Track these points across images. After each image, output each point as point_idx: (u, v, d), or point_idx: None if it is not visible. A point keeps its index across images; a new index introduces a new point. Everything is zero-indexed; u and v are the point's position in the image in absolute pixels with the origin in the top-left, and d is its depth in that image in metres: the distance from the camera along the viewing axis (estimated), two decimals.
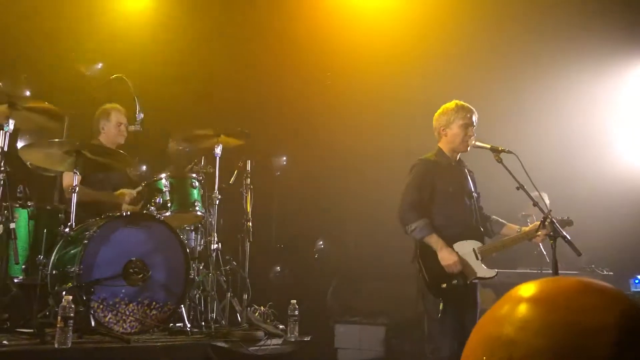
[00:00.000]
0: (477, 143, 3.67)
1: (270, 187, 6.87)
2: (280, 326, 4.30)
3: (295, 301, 4.17)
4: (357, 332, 6.14)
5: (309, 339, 4.21)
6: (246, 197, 4.79)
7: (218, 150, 4.69)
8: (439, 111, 3.79)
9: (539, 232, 3.45)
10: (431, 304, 3.50)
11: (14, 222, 3.61)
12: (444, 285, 3.47)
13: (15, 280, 3.84)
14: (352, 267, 6.84)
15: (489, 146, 3.64)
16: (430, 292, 3.50)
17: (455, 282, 3.45)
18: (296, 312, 4.16)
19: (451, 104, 3.74)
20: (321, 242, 7.04)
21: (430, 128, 3.86)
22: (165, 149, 6.21)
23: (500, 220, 3.83)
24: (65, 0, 5.72)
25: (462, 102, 3.76)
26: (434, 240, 3.49)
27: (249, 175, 4.87)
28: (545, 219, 3.33)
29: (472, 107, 3.74)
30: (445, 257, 3.44)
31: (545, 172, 3.64)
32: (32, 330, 3.43)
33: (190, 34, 6.32)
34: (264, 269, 6.35)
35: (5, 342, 3.10)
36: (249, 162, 4.91)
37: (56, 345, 3.13)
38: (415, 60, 6.48)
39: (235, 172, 4.99)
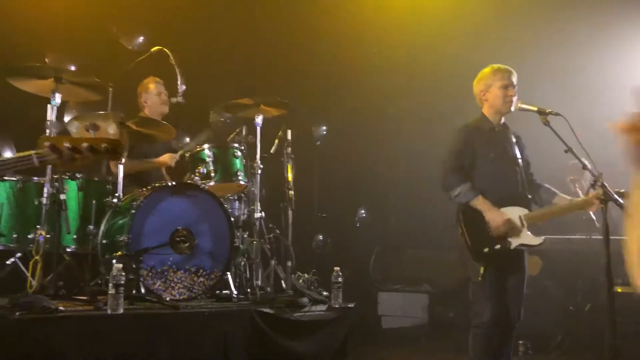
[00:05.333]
0: (523, 105, 3.56)
1: (311, 157, 6.87)
2: (324, 293, 4.34)
3: (338, 268, 4.19)
4: (400, 299, 6.16)
5: (352, 305, 4.23)
6: (287, 166, 4.80)
7: (259, 120, 4.71)
8: (476, 78, 3.71)
9: (590, 196, 3.34)
10: (472, 268, 3.46)
11: (64, 193, 3.72)
12: (486, 250, 3.40)
13: (68, 250, 4.00)
14: (394, 236, 6.83)
15: (535, 108, 3.52)
16: (471, 256, 3.45)
17: (497, 247, 3.39)
18: (340, 279, 4.19)
19: (487, 69, 3.64)
20: (363, 211, 7.04)
21: (472, 94, 3.76)
22: (207, 119, 6.26)
23: (552, 189, 3.71)
24: None
25: (498, 65, 3.66)
26: (480, 202, 3.42)
27: (289, 145, 4.87)
28: (596, 181, 3.22)
29: (509, 68, 3.63)
30: (494, 218, 3.37)
31: (595, 137, 3.49)
32: (85, 297, 3.57)
33: (230, 5, 6.30)
34: (307, 237, 6.40)
35: (62, 308, 3.23)
36: (289, 131, 4.91)
37: (109, 311, 3.24)
38: (457, 25, 6.31)
39: (276, 142, 5.01)
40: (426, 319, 6.02)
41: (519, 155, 3.69)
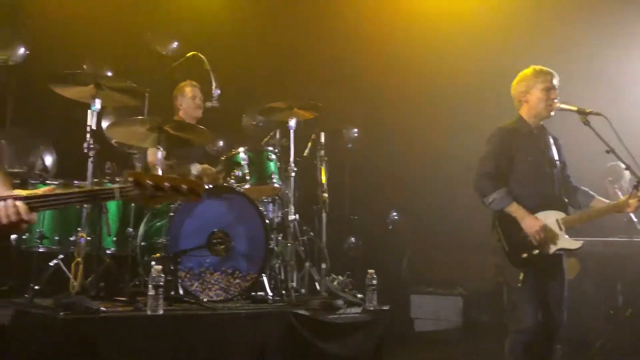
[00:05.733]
0: (562, 105, 3.51)
1: (342, 159, 6.89)
2: (359, 295, 4.34)
3: (372, 271, 4.18)
4: (434, 302, 6.12)
5: (387, 308, 4.22)
6: (320, 168, 4.82)
7: (292, 123, 4.73)
8: (516, 79, 3.66)
9: (632, 200, 3.28)
10: (511, 274, 3.42)
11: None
12: (525, 255, 3.37)
13: (108, 252, 4.08)
14: (426, 238, 6.78)
15: (575, 108, 3.47)
16: (510, 262, 3.41)
17: (536, 252, 3.35)
18: (374, 282, 4.18)
19: (528, 70, 3.59)
20: (395, 213, 7.02)
21: (509, 96, 3.72)
22: (240, 123, 6.33)
23: (590, 192, 3.65)
24: None
25: (539, 67, 3.60)
26: (515, 209, 3.38)
27: (322, 147, 4.89)
28: (639, 182, 3.15)
29: (551, 70, 3.57)
30: (530, 225, 3.33)
31: (636, 138, 3.43)
32: (124, 298, 3.64)
33: (262, 10, 6.37)
34: (339, 239, 6.41)
35: (103, 308, 3.30)
36: (322, 134, 4.93)
37: (148, 312, 3.30)
38: (489, 26, 6.25)
39: (309, 145, 5.03)
40: (460, 322, 5.97)
41: (556, 158, 3.63)
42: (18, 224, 1.59)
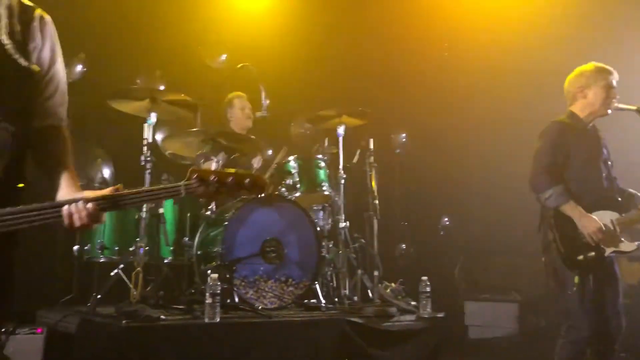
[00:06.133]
0: (621, 105, 3.40)
1: (391, 165, 6.85)
2: (412, 302, 4.31)
3: (426, 278, 4.15)
4: (489, 308, 5.98)
5: (442, 315, 4.17)
6: (370, 175, 4.82)
7: (341, 130, 4.76)
8: (574, 73, 3.55)
9: None
10: (564, 277, 3.29)
11: (162, 207, 3.92)
12: (580, 258, 3.23)
13: (165, 261, 4.20)
14: (479, 243, 6.66)
15: (634, 107, 3.36)
16: (564, 264, 3.28)
17: (591, 254, 3.22)
18: (428, 289, 4.14)
19: (589, 66, 3.49)
20: (446, 219, 6.92)
21: (557, 94, 3.63)
22: (288, 132, 6.39)
23: (638, 193, 3.51)
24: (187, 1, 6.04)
25: (600, 64, 3.50)
26: (571, 208, 3.25)
27: (372, 154, 4.89)
28: None
29: (612, 69, 3.46)
30: (588, 225, 3.21)
31: None
32: (182, 306, 3.74)
33: (309, 19, 6.43)
34: (390, 246, 6.37)
35: (162, 317, 3.40)
36: (371, 140, 4.93)
37: (206, 320, 3.38)
38: (538, 27, 6.12)
39: (358, 151, 5.04)
40: (516, 329, 5.81)
41: (608, 157, 3.52)
42: (89, 224, 1.64)
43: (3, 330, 1.77)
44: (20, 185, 1.72)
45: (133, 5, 5.64)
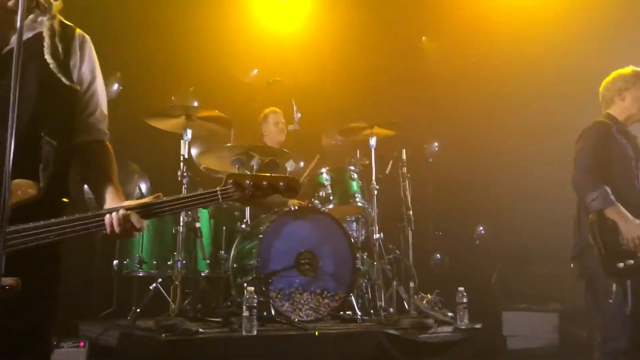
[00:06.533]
0: None
1: (424, 174, 6.81)
2: (449, 314, 4.26)
3: (462, 288, 4.11)
4: (527, 319, 5.84)
5: (480, 326, 4.12)
6: (404, 185, 4.81)
7: (373, 141, 4.78)
8: (611, 76, 3.48)
9: None
10: (602, 286, 3.18)
11: (198, 221, 3.98)
12: (621, 265, 3.13)
13: (202, 274, 4.25)
14: (516, 251, 6.54)
15: None
16: (604, 271, 3.18)
17: (631, 262, 3.12)
18: (464, 300, 4.10)
19: (627, 70, 3.42)
20: (481, 228, 6.84)
21: (591, 100, 3.56)
22: (319, 144, 6.43)
23: None
24: (219, 15, 6.15)
25: (638, 68, 3.43)
26: (617, 211, 3.12)
27: (405, 164, 4.88)
28: None
29: None
30: (631, 229, 3.09)
31: None
32: (219, 319, 3.78)
33: (338, 32, 6.47)
34: (424, 256, 6.32)
35: (200, 330, 3.44)
36: (403, 151, 4.92)
37: (243, 333, 3.41)
38: (569, 32, 6.02)
39: (391, 162, 5.03)
40: (557, 339, 5.66)
41: None
42: (130, 232, 1.68)
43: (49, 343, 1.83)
44: (65, 200, 1.77)
45: (167, 24, 5.78)
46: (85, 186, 1.91)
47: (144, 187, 5.41)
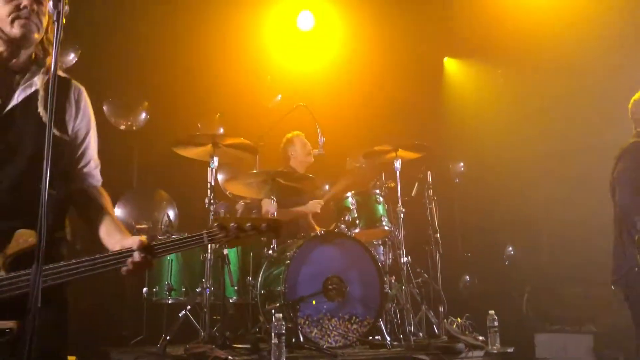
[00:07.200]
0: None
1: (450, 195, 6.76)
2: (480, 337, 4.19)
3: (493, 312, 4.04)
4: (561, 341, 5.72)
5: (512, 350, 4.04)
6: (430, 208, 4.78)
7: (397, 164, 4.77)
8: (638, 95, 3.45)
9: None
10: None
11: (226, 248, 4.01)
12: None
13: (231, 301, 4.27)
14: (547, 272, 6.42)
15: None
16: None
17: None
18: (495, 323, 4.03)
19: None
20: (510, 248, 6.73)
21: (620, 119, 3.52)
22: (344, 168, 6.44)
23: None
24: (241, 44, 6.27)
25: None
26: None
27: (430, 186, 4.85)
28: None
29: None
30: None
31: None
32: (248, 346, 3.77)
33: (362, 54, 6.53)
34: (453, 279, 6.24)
35: (230, 357, 3.44)
36: (429, 173, 4.90)
37: None
38: (600, 51, 5.97)
39: (416, 184, 5.01)
40: None
41: None
42: (142, 271, 1.80)
43: None
44: (57, 235, 1.87)
45: (192, 53, 5.91)
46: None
47: (172, 214, 5.49)
